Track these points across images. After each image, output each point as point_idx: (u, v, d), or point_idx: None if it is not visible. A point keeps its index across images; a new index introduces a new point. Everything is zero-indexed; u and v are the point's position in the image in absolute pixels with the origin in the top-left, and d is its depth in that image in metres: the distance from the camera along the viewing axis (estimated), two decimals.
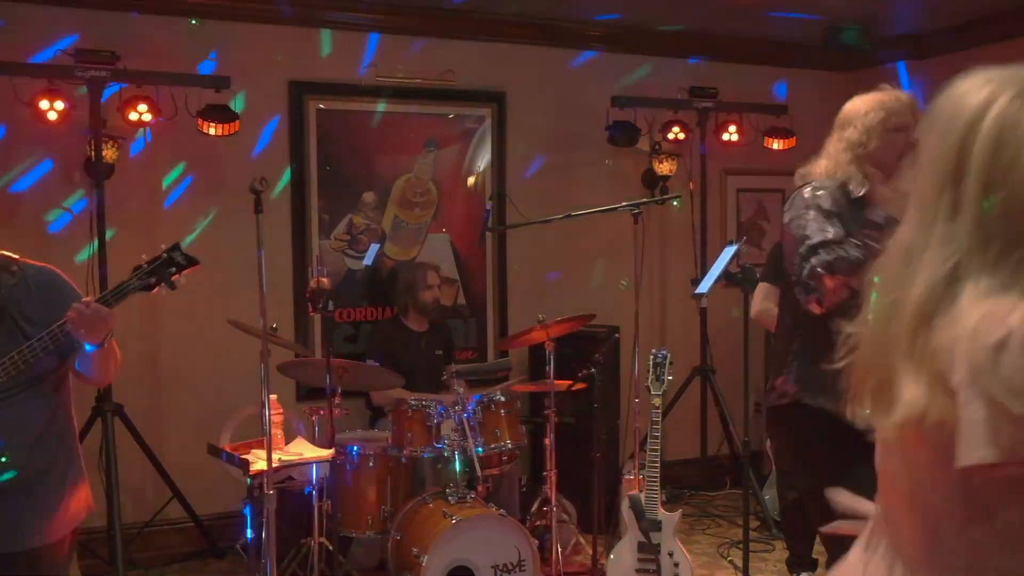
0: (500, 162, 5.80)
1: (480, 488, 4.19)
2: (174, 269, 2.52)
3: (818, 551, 4.59)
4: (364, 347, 5.24)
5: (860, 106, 2.97)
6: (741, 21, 5.96)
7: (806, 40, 6.28)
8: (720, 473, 6.12)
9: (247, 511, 3.90)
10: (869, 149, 2.86)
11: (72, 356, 2.51)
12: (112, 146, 4.75)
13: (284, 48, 5.23)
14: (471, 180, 5.75)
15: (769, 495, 5.37)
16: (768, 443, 5.12)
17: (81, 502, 2.59)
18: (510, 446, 4.35)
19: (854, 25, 5.97)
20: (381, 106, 5.46)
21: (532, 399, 5.46)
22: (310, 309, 4.33)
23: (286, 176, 5.26)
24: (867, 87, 2.88)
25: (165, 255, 2.52)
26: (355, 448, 4.29)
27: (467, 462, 4.15)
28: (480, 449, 4.19)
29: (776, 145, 6.27)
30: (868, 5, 5.64)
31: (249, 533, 3.91)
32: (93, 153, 4.63)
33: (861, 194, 2.80)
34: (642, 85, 6.04)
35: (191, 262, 2.53)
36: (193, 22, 5.02)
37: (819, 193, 2.81)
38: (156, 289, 2.52)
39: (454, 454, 4.16)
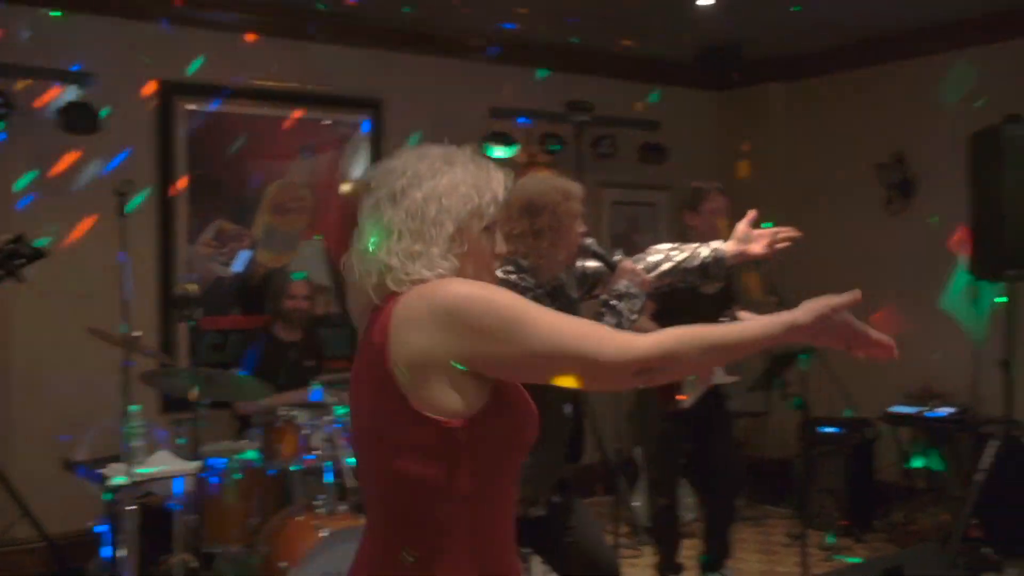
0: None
1: (352, 500, 4.12)
2: (23, 260, 2.40)
3: (685, 556, 4.69)
4: (232, 356, 5.10)
5: None
6: (618, 38, 6.09)
7: (680, 59, 6.45)
8: (591, 481, 6.19)
9: (104, 529, 3.73)
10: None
11: None
12: None
13: (153, 46, 5.05)
14: (346, 187, 5.67)
15: (639, 502, 5.46)
16: (638, 450, 5.21)
17: None
18: None
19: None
20: (255, 110, 5.33)
21: None
22: (176, 317, 4.19)
23: (152, 179, 5.07)
24: (738, 105, 2.98)
25: (10, 245, 2.39)
26: (221, 460, 4.17)
27: (338, 473, 4.07)
28: (351, 460, 4.12)
29: (649, 160, 6.42)
30: (740, 27, 5.83)
31: (106, 552, 3.74)
32: None
33: None
34: (520, 97, 6.09)
35: (38, 254, 2.41)
36: (55, 15, 4.80)
37: None
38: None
39: (325, 465, 4.08)
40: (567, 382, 1.52)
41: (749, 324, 1.58)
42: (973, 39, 5.64)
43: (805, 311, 1.55)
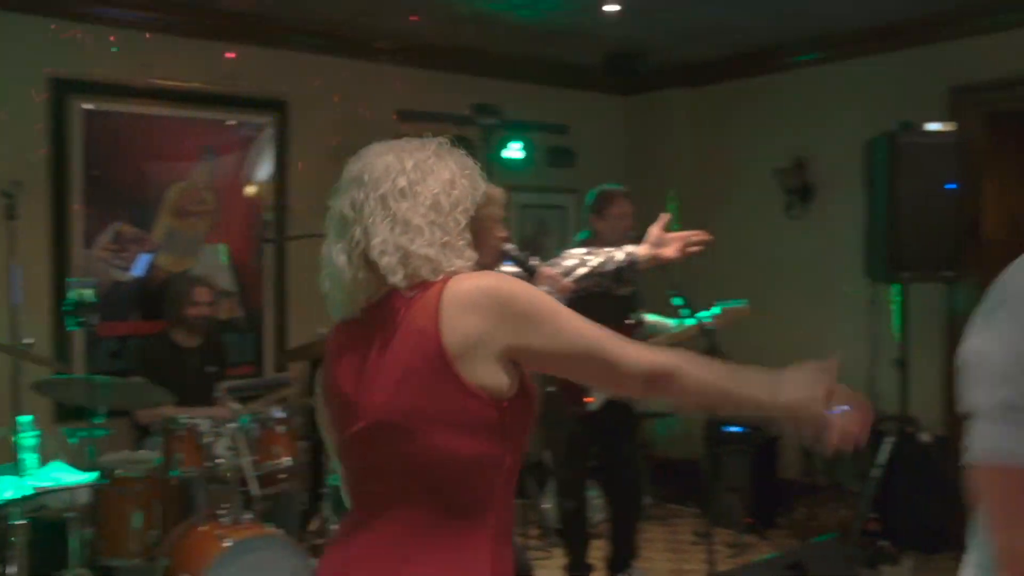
0: (282, 172, 5.64)
1: (257, 508, 4.04)
2: None
3: (594, 557, 4.72)
4: (130, 363, 4.94)
5: None
6: (525, 43, 6.11)
7: (588, 64, 6.50)
8: None
9: None
10: None
11: None
12: None
13: (49, 43, 4.87)
14: (251, 190, 5.56)
15: (549, 504, 5.47)
16: (547, 453, 5.23)
17: None
18: (288, 463, 4.23)
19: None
20: (156, 110, 5.18)
21: (313, 415, 5.32)
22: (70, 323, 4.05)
23: (45, 180, 4.88)
24: (644, 111, 3.03)
25: None
26: (119, 470, 4.03)
27: (242, 481, 3.98)
28: (256, 468, 4.04)
29: (558, 164, 6.45)
30: (645, 34, 5.91)
31: None
32: None
33: None
34: (427, 100, 6.06)
35: None
36: None
37: None
38: None
39: (228, 473, 3.99)
40: (584, 380, 1.61)
41: (761, 384, 1.68)
42: (868, 48, 5.83)
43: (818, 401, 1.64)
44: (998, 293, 1.30)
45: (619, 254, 3.00)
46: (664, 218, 3.05)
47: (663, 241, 3.02)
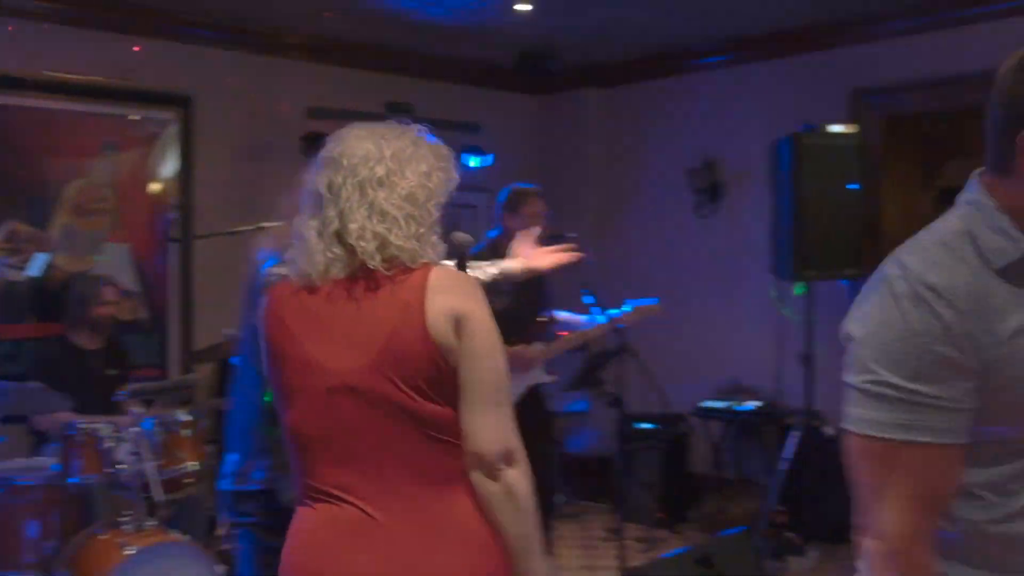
0: (187, 169, 5.50)
1: (161, 514, 3.92)
2: None
3: None
4: (27, 367, 4.76)
5: None
6: (438, 41, 6.08)
7: (499, 63, 6.50)
8: None
9: None
10: None
11: None
12: None
13: None
14: (154, 187, 5.41)
15: None
16: None
17: None
18: (194, 467, 4.12)
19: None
20: (53, 103, 5.00)
21: (220, 417, 5.20)
22: None
23: None
24: (556, 110, 3.04)
25: None
26: (13, 478, 3.88)
27: (145, 487, 3.87)
28: (160, 472, 3.92)
29: (472, 162, 6.44)
30: (557, 33, 5.94)
31: None
32: None
33: None
34: (340, 97, 5.98)
35: None
36: None
37: None
38: None
39: (131, 479, 3.87)
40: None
41: None
42: (775, 51, 5.96)
43: None
44: (874, 277, 1.39)
45: (493, 268, 3.00)
46: (534, 231, 3.11)
47: (535, 253, 3.06)
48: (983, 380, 1.29)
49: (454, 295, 1.74)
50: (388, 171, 1.76)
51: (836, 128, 5.15)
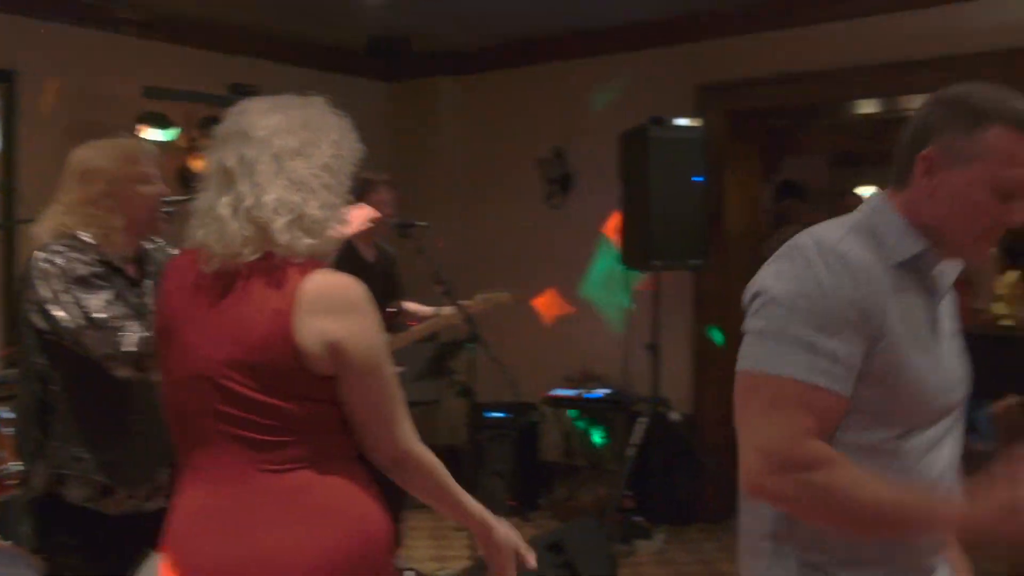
0: (9, 149, 5.15)
1: None
2: None
3: None
4: None
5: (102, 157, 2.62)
6: (284, 21, 5.89)
7: (350, 47, 6.35)
8: None
9: None
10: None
11: None
12: None
13: None
14: None
15: None
16: None
17: None
18: (18, 467, 3.85)
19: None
20: None
21: None
22: None
23: None
24: (409, 97, 2.98)
25: None
26: None
27: None
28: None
29: None
30: (410, 19, 5.84)
31: None
32: None
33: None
34: (179, 78, 5.71)
35: None
36: None
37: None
38: None
39: None
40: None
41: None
42: (626, 43, 6.03)
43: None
44: (784, 248, 1.56)
45: None
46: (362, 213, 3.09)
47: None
48: (870, 348, 1.48)
49: (325, 318, 1.71)
50: (303, 142, 1.74)
51: (682, 122, 5.26)
